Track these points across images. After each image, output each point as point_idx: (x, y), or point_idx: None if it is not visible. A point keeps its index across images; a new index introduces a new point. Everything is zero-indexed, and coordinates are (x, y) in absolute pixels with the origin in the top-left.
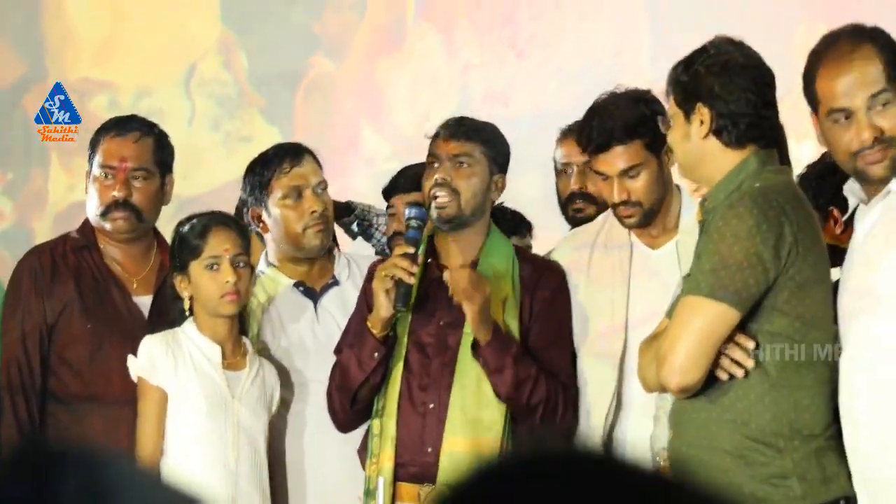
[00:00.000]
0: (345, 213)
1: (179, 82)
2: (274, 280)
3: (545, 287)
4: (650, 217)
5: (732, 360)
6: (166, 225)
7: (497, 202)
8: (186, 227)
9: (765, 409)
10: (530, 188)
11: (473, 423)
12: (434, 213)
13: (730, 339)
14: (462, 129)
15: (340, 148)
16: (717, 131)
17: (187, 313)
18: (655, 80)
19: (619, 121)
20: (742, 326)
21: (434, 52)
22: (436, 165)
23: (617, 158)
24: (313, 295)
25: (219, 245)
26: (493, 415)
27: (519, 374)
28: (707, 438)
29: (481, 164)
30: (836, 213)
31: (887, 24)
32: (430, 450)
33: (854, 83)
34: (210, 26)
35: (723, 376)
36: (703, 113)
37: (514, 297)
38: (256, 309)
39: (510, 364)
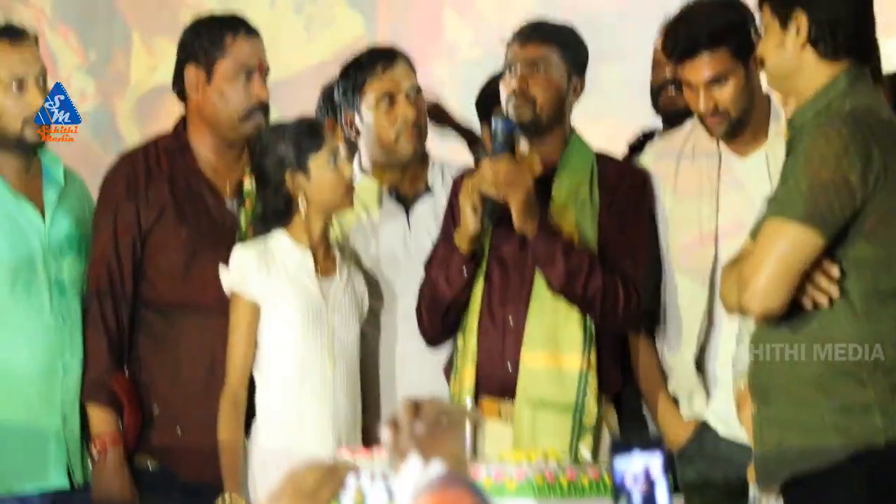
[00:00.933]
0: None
1: None
2: (366, 186)
3: (625, 187)
4: (739, 127)
5: (819, 288)
6: None
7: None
8: (296, 127)
9: (849, 339)
10: (610, 78)
11: (552, 338)
12: (513, 120)
13: (816, 265)
14: (537, 33)
15: (423, 34)
16: (814, 41)
17: (303, 213)
18: None
19: (705, 27)
20: (828, 252)
21: None
22: (512, 71)
23: (703, 66)
24: (406, 202)
25: (334, 141)
26: (572, 331)
27: (570, 263)
28: (789, 366)
29: (558, 69)
30: None
31: None
32: (510, 365)
33: None
34: None
35: (808, 304)
36: (800, 20)
37: (590, 202)
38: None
39: (560, 254)
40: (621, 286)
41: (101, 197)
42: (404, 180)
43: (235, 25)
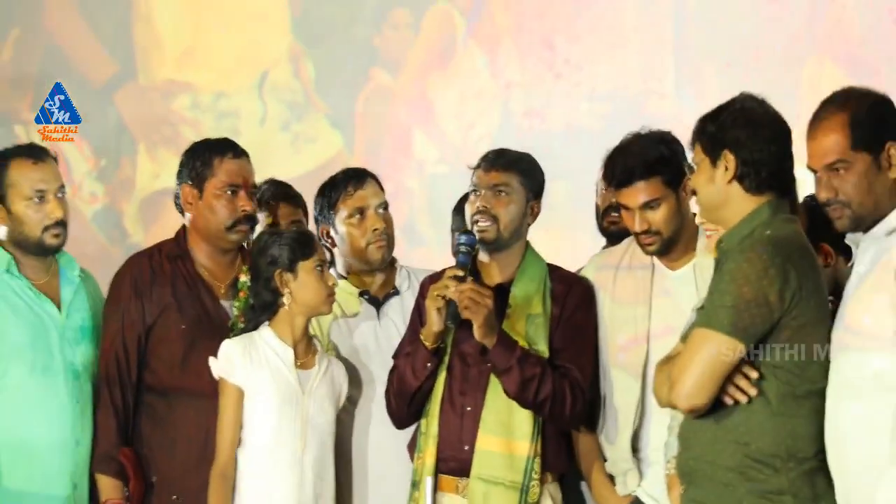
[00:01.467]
0: None
1: (253, 87)
2: (342, 289)
3: (573, 298)
4: (669, 245)
5: (738, 387)
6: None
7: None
8: (293, 235)
9: (765, 433)
10: (560, 194)
11: (505, 425)
12: (476, 236)
13: (737, 369)
14: (501, 161)
15: (395, 151)
16: (740, 177)
17: (286, 307)
18: (679, 104)
19: (640, 159)
20: (749, 358)
21: (480, 70)
22: (477, 193)
23: (638, 193)
24: (377, 303)
25: (323, 253)
26: (522, 421)
27: (525, 372)
28: (712, 455)
29: (518, 193)
30: (826, 247)
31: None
32: (466, 447)
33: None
34: (281, 38)
35: (728, 402)
36: (728, 159)
37: (544, 311)
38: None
39: (515, 364)
40: (569, 391)
41: (110, 293)
42: (375, 283)
43: (224, 149)
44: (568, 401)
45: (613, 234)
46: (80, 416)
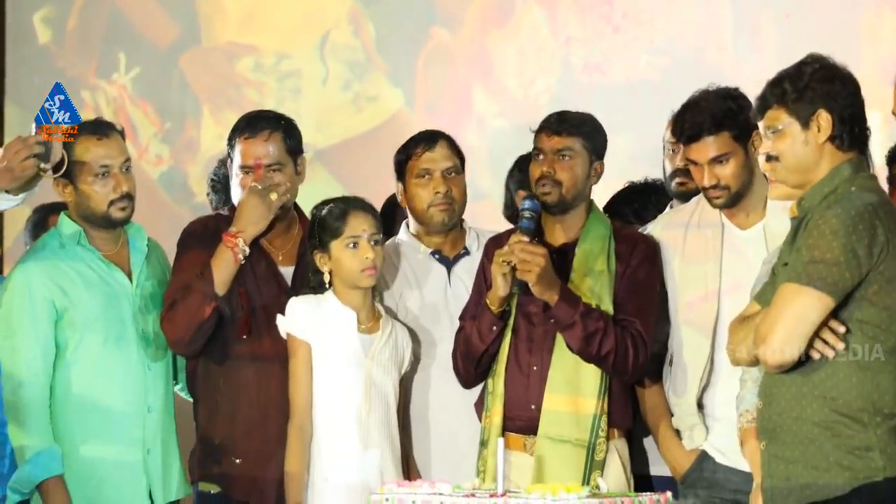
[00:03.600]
0: None
1: (315, 48)
2: (413, 247)
3: (637, 254)
4: (737, 199)
5: (825, 342)
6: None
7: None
8: (325, 211)
9: (851, 387)
10: (620, 147)
11: (572, 383)
12: (539, 201)
13: (824, 323)
14: (564, 125)
15: (455, 108)
16: (833, 136)
17: (328, 286)
18: (737, 56)
19: (708, 114)
20: (835, 313)
21: (539, 26)
22: (541, 158)
23: (707, 147)
24: (447, 262)
25: (358, 226)
26: (589, 379)
27: (587, 327)
28: (797, 410)
29: (581, 156)
30: None
31: None
32: (533, 406)
33: None
34: None
35: (815, 356)
36: (823, 118)
37: (608, 271)
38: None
39: (578, 319)
40: (631, 345)
41: (178, 251)
42: (446, 243)
43: (242, 129)
44: (631, 354)
45: (681, 195)
46: (153, 383)
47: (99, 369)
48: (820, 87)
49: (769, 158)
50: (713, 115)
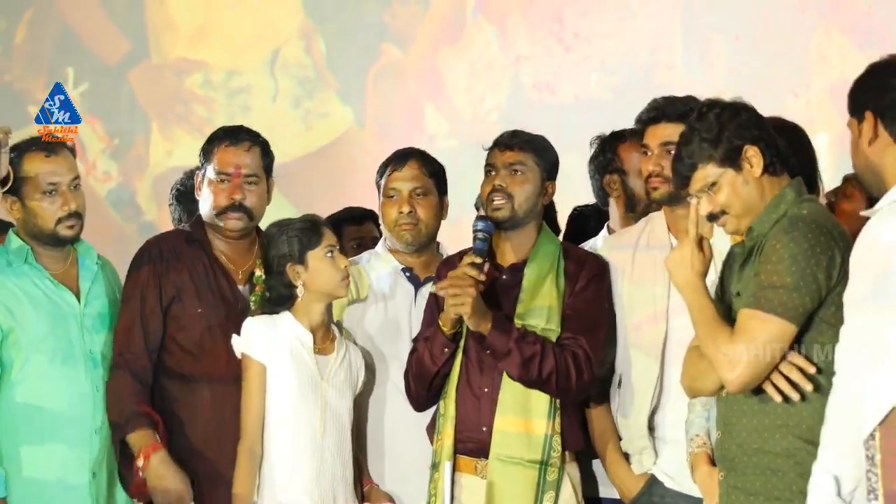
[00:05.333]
0: None
1: (265, 64)
2: (385, 260)
3: (585, 274)
4: (676, 198)
5: (793, 384)
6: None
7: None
8: (298, 224)
9: (814, 411)
10: (570, 166)
11: (522, 405)
12: (491, 214)
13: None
14: (516, 141)
15: (406, 126)
16: (766, 165)
17: (299, 298)
18: (686, 76)
19: (669, 101)
20: (797, 339)
21: (490, 44)
22: (492, 173)
23: (663, 131)
24: (416, 282)
25: (331, 237)
26: (540, 398)
27: (524, 352)
28: (759, 441)
29: (533, 172)
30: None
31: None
32: (484, 428)
33: None
34: (293, 15)
35: (777, 398)
36: (751, 152)
37: (557, 290)
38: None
39: (514, 346)
40: (573, 363)
41: (129, 274)
42: (418, 263)
43: (221, 138)
44: (573, 373)
45: (656, 200)
46: (101, 404)
47: (45, 390)
48: (734, 126)
49: (713, 217)
50: (674, 105)
